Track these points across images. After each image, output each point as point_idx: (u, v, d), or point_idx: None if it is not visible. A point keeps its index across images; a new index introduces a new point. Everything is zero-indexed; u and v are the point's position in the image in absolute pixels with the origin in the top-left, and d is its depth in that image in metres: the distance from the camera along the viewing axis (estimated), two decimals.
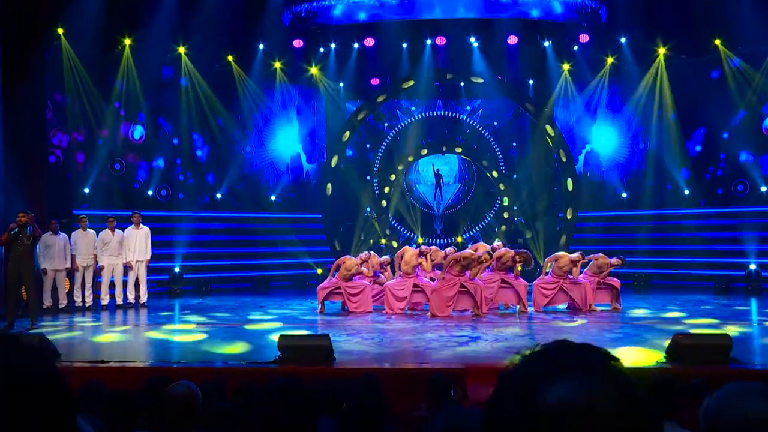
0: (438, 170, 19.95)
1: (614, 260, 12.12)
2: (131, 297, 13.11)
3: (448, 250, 12.65)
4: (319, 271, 17.65)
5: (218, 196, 17.44)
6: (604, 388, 0.92)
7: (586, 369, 0.94)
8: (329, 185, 18.53)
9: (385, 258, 12.92)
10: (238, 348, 8.51)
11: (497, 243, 13.06)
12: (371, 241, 18.71)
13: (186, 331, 10.01)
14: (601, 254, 12.25)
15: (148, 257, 13.28)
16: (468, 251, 11.74)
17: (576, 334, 9.26)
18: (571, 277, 12.03)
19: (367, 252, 12.42)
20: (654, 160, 17.55)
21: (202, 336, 9.42)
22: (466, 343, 8.64)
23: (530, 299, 12.13)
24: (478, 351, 8.03)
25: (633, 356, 7.42)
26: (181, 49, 16.39)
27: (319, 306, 12.21)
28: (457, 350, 8.13)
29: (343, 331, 9.83)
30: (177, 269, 15.92)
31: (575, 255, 11.94)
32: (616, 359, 0.99)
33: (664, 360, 6.84)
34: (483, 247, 12.59)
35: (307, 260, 17.64)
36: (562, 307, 12.21)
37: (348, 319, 11.30)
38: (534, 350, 1.01)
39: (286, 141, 18.73)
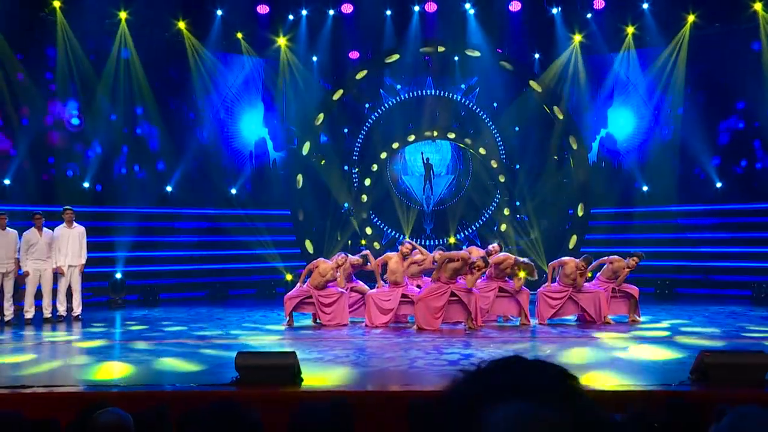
0: (428, 159, 19.92)
1: (631, 261, 12.08)
2: (62, 309, 12.91)
3: (435, 255, 12.54)
4: (289, 277, 17.60)
5: (168, 189, 17.32)
6: (557, 412, 0.92)
7: (538, 389, 0.95)
8: (300, 177, 18.45)
9: (357, 259, 12.76)
10: (189, 368, 8.42)
11: (493, 246, 12.99)
12: (349, 242, 18.69)
13: (128, 349, 9.88)
14: (615, 256, 12.24)
15: (83, 261, 13.10)
16: (462, 252, 11.68)
17: (583, 350, 9.22)
18: (585, 284, 12.01)
19: (343, 254, 12.31)
20: (680, 148, 17.61)
21: (147, 354, 9.30)
22: (457, 362, 8.57)
23: (534, 310, 12.10)
24: None
25: (651, 376, 7.38)
26: (122, 14, 16.22)
27: (287, 318, 12.12)
28: (446, 370, 8.07)
29: (313, 347, 9.73)
30: (118, 275, 15.77)
31: (579, 261, 11.89)
32: (574, 378, 1.00)
33: (687, 381, 6.81)
34: (477, 252, 12.53)
35: (274, 264, 17.58)
36: (571, 318, 12.19)
37: (320, 334, 11.22)
38: (479, 367, 1.01)
39: (250, 124, 18.62)
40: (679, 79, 17.46)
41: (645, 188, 18.13)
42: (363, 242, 18.92)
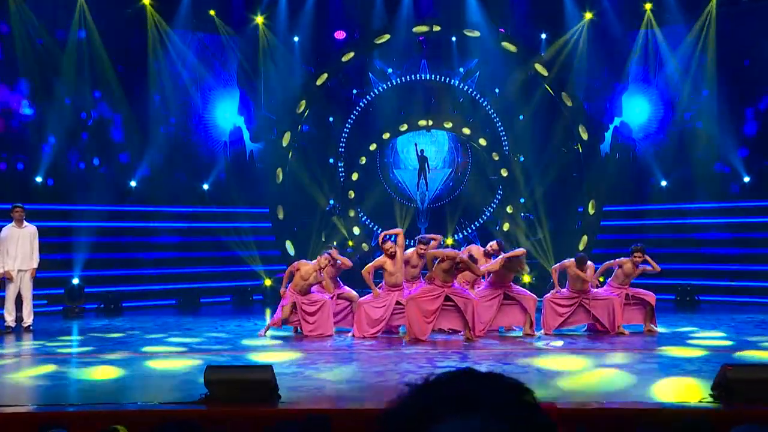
0: (422, 151, 19.89)
1: (635, 258, 11.99)
2: (10, 319, 12.78)
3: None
4: (268, 282, 17.57)
5: (132, 184, 17.23)
6: (507, 427, 0.95)
7: (489, 404, 0.98)
8: (280, 171, 18.41)
9: (344, 260, 12.68)
10: (153, 384, 8.41)
11: (491, 244, 12.90)
12: (334, 242, 18.54)
13: (87, 363, 9.83)
14: (624, 258, 12.18)
15: (35, 265, 13.00)
16: (450, 251, 11.58)
17: (595, 364, 9.19)
18: (594, 290, 11.96)
19: (327, 254, 12.22)
20: (704, 139, 17.61)
21: (109, 369, 9.24)
22: None
23: (540, 319, 12.06)
24: None
25: (669, 393, 7.34)
26: None
27: (276, 320, 12.06)
28: None
29: (293, 361, 9.70)
30: (76, 281, 15.68)
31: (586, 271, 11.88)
32: (530, 393, 1.03)
33: (709, 398, 6.77)
34: (477, 252, 12.47)
35: (252, 268, 17.53)
36: (578, 329, 12.15)
37: (301, 345, 11.19)
38: (427, 381, 1.04)
39: (224, 112, 18.59)
40: (707, 59, 17.42)
41: (663, 183, 18.12)
42: (350, 243, 18.88)
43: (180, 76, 17.74)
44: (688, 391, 7.41)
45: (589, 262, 11.98)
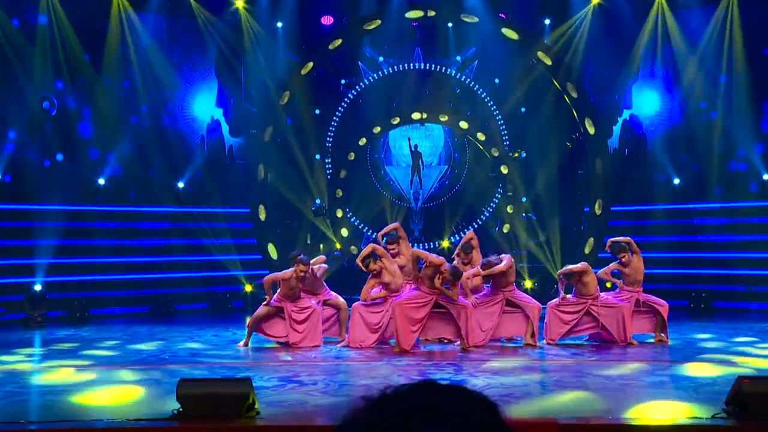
0: (416, 147, 19.89)
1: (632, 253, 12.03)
2: None
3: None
4: (248, 288, 17.53)
5: (101, 182, 17.16)
6: None
7: (450, 420, 1.00)
8: (261, 167, 18.37)
9: (319, 260, 12.61)
10: (122, 399, 8.35)
11: (469, 233, 12.89)
12: (321, 245, 18.62)
13: (50, 377, 9.77)
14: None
15: None
16: (434, 257, 11.47)
17: (600, 377, 9.17)
18: (604, 296, 11.90)
19: (302, 257, 12.08)
20: (721, 133, 17.63)
21: (71, 383, 9.19)
22: None
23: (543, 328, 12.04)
24: None
25: (679, 408, 7.33)
26: None
27: (246, 337, 12.02)
28: None
29: (274, 373, 9.69)
30: (38, 287, 15.58)
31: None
32: (495, 407, 1.07)
33: (723, 413, 6.75)
34: (476, 258, 12.43)
35: (230, 273, 17.50)
36: (580, 338, 12.14)
37: (283, 356, 11.17)
38: (384, 394, 1.06)
39: (201, 105, 18.55)
40: (721, 49, 17.42)
41: (676, 181, 18.13)
42: (338, 246, 18.85)
43: (152, 63, 17.64)
44: (700, 406, 7.39)
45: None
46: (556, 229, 18.20)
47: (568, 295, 11.97)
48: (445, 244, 19.16)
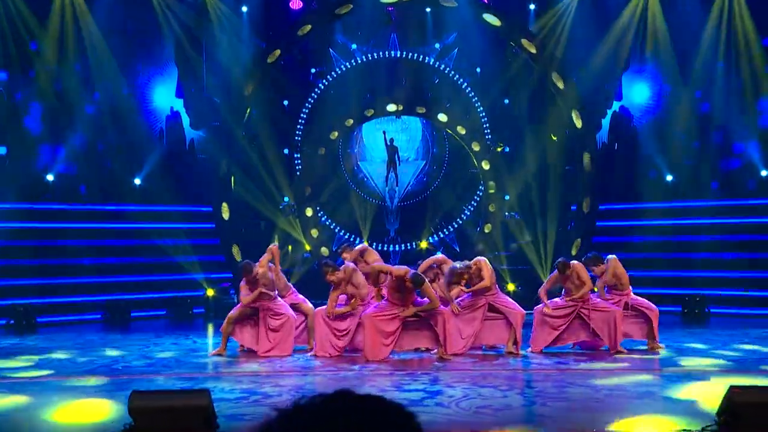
0: (392, 141, 19.89)
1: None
2: None
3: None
4: (210, 292, 17.45)
5: (49, 179, 17.07)
6: None
7: (364, 429, 1.05)
8: (225, 163, 18.31)
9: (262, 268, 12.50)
10: (71, 414, 8.29)
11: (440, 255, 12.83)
12: (290, 247, 18.58)
13: None
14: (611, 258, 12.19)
15: None
16: (398, 268, 11.42)
17: (585, 387, 9.20)
18: (594, 299, 11.91)
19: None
20: (716, 128, 17.73)
21: (17, 398, 9.11)
22: (420, 401, 8.49)
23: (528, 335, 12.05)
24: (434, 415, 7.90)
25: (668, 420, 7.36)
26: None
27: (221, 344, 11.97)
28: None
29: (237, 384, 9.67)
30: None
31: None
32: (412, 417, 1.16)
33: (714, 425, 6.79)
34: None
35: (191, 277, 17.42)
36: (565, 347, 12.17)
37: (249, 366, 11.14)
38: (297, 405, 1.12)
39: (159, 95, 18.50)
40: (718, 35, 17.51)
41: (669, 178, 18.23)
42: (308, 247, 18.82)
43: (104, 51, 17.52)
44: (690, 417, 7.43)
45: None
46: (541, 229, 18.25)
47: (557, 299, 11.97)
48: (423, 245, 19.17)
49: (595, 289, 12.51)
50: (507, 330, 11.76)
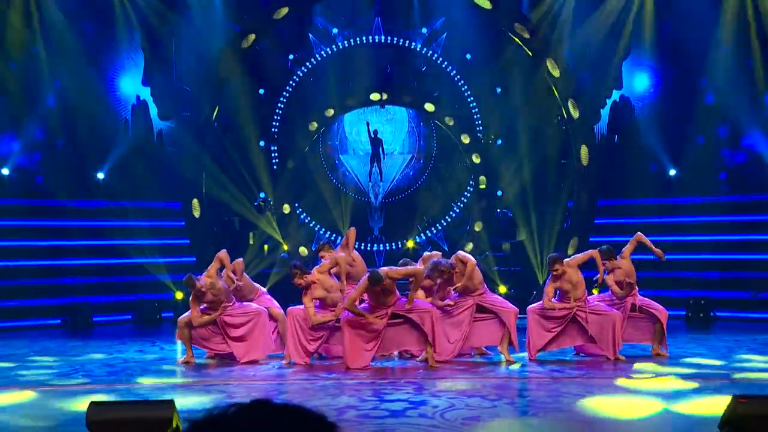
0: (375, 132, 19.85)
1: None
2: None
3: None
4: (179, 295, 17.37)
5: (5, 172, 17.02)
6: None
7: None
8: (196, 156, 18.25)
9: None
10: (24, 425, 8.25)
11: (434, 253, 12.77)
12: (266, 246, 18.56)
13: None
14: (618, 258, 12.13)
15: None
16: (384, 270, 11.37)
17: (581, 397, 9.16)
18: (593, 300, 11.85)
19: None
20: (723, 119, 17.73)
21: None
22: (402, 412, 8.42)
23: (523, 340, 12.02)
24: (417, 427, 7.83)
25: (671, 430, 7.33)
26: None
27: (186, 351, 11.90)
28: (387, 423, 7.94)
29: (205, 394, 9.63)
30: None
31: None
32: (333, 428, 1.18)
33: None
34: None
35: (159, 278, 17.37)
36: (563, 351, 12.12)
37: (219, 375, 11.10)
38: (210, 415, 1.12)
39: (125, 83, 18.39)
40: (721, 19, 17.53)
41: (672, 172, 18.24)
42: (285, 247, 18.77)
43: (66, 33, 17.40)
44: (692, 429, 7.40)
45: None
46: (535, 227, 18.24)
47: (553, 300, 11.90)
48: (410, 244, 19.12)
49: (597, 288, 12.48)
50: (499, 330, 11.66)
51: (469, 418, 8.04)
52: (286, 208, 19.21)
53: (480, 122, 19.35)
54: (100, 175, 17.98)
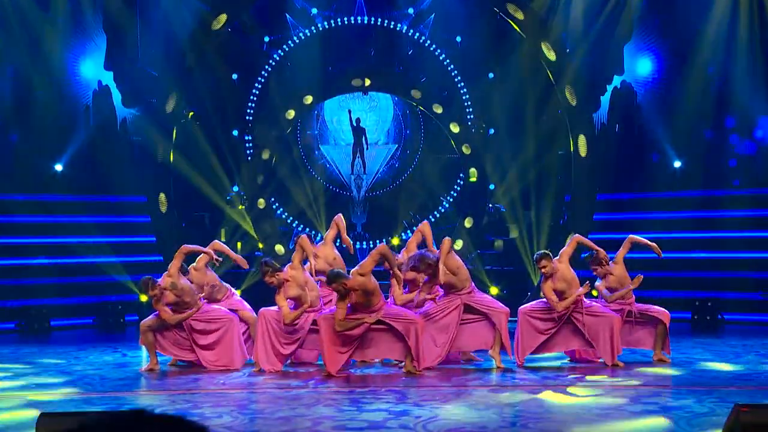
0: (358, 121, 19.86)
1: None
2: None
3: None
4: (144, 298, 17.32)
5: None
6: None
7: None
8: (163, 146, 18.31)
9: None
10: None
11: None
12: (239, 244, 18.53)
13: None
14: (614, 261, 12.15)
15: None
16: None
17: (575, 407, 9.17)
18: (591, 301, 11.85)
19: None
20: (732, 107, 17.77)
21: None
22: (382, 423, 8.43)
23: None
24: None
25: None
26: None
27: (150, 357, 11.87)
28: None
29: (170, 404, 9.61)
30: None
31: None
32: None
33: None
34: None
35: (121, 279, 17.33)
36: (554, 356, 12.13)
37: (185, 383, 11.09)
38: (82, 426, 1.21)
39: (85, 67, 18.34)
40: None
41: (677, 164, 18.27)
42: (260, 245, 18.76)
43: (15, 12, 17.34)
44: None
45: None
46: (530, 223, 18.26)
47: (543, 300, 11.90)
48: (395, 241, 19.11)
49: (594, 293, 12.48)
50: (490, 332, 11.63)
51: (454, 430, 8.04)
52: (261, 203, 19.19)
53: (470, 110, 19.35)
54: (59, 167, 17.91)
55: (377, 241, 19.35)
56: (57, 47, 17.95)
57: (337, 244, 13.19)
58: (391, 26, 19.39)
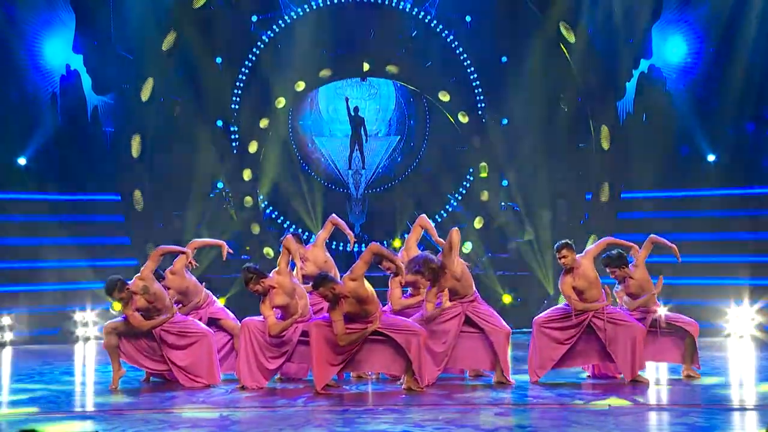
0: (356, 109, 19.87)
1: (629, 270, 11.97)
2: None
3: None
4: (117, 306, 17.33)
5: None
6: None
7: None
8: (138, 138, 18.29)
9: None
10: None
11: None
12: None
13: None
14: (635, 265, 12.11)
15: None
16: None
17: (592, 428, 9.15)
18: (612, 307, 11.81)
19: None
20: None
21: None
22: None
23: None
24: None
25: None
26: None
27: (112, 364, 11.84)
28: None
29: (143, 425, 9.56)
30: None
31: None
32: None
33: None
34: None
35: (92, 285, 17.27)
36: (573, 371, 12.12)
37: (160, 401, 11.07)
38: None
39: (51, 50, 18.31)
40: None
41: (711, 158, 18.25)
42: (247, 248, 18.77)
43: None
44: None
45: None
46: (547, 223, 18.26)
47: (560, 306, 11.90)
48: (397, 243, 19.09)
49: (615, 301, 12.44)
50: (488, 354, 11.62)
51: None
52: (248, 201, 19.19)
53: (481, 98, 19.33)
54: (22, 161, 17.92)
55: (378, 243, 19.36)
56: (18, 26, 17.96)
57: (332, 247, 13.21)
58: (393, 4, 19.37)
